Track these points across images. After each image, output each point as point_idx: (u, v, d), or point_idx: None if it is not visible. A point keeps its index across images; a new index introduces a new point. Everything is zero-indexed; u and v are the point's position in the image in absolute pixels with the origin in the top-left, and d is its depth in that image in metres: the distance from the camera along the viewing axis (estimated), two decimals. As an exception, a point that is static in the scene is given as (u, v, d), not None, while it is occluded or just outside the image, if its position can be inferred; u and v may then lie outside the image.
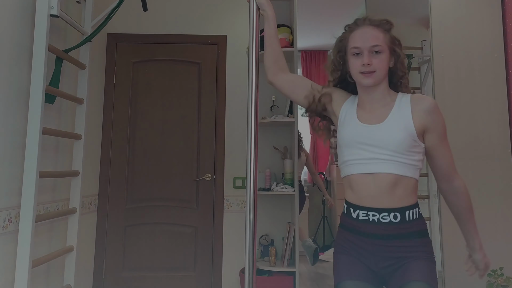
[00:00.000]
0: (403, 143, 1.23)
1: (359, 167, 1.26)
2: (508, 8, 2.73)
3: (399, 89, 1.34)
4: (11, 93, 1.86)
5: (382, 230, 1.24)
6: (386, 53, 1.28)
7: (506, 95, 2.70)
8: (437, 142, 1.29)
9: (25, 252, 1.80)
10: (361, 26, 1.30)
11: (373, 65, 1.25)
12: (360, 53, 1.27)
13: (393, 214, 1.23)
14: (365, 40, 1.26)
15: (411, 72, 2.86)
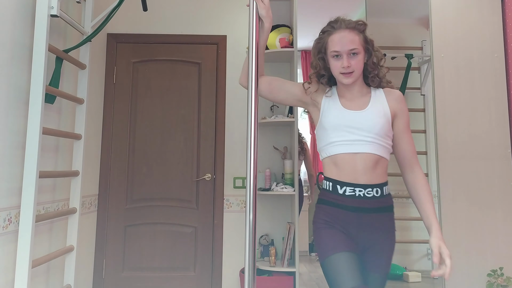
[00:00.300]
0: (383, 128, 1.41)
1: (346, 147, 1.41)
2: (508, 8, 2.73)
3: (374, 81, 1.50)
4: (11, 93, 1.86)
5: (367, 204, 1.40)
6: (362, 53, 1.44)
7: (506, 95, 2.70)
8: (404, 128, 1.47)
9: (25, 252, 1.80)
10: (338, 29, 1.45)
11: (352, 66, 1.41)
12: (340, 56, 1.42)
13: (376, 189, 1.41)
14: (344, 45, 1.41)
15: (411, 72, 2.86)
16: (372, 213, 1.40)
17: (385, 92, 1.49)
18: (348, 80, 1.42)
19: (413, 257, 2.78)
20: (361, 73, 1.47)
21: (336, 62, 1.43)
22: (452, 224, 2.58)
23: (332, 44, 1.44)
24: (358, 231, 1.41)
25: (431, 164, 2.75)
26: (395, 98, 1.48)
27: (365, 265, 1.41)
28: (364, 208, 1.40)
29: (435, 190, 2.67)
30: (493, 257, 2.55)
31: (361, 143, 1.40)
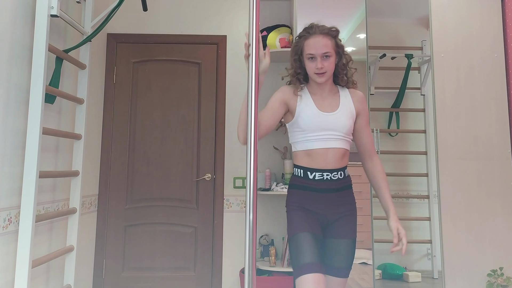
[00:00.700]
0: (350, 127, 1.67)
1: (320, 143, 1.64)
2: (508, 8, 2.74)
3: (343, 81, 1.71)
4: (11, 93, 1.86)
5: (332, 185, 1.66)
6: (334, 56, 1.65)
7: (506, 95, 2.70)
8: (365, 125, 1.73)
9: (25, 252, 1.80)
10: (312, 34, 1.64)
11: (325, 67, 1.61)
12: (314, 58, 1.62)
13: (340, 172, 1.67)
14: (318, 48, 1.61)
15: (411, 72, 2.86)
16: (337, 192, 1.66)
17: (350, 92, 1.72)
18: (321, 79, 1.63)
19: (413, 257, 2.78)
20: (332, 73, 1.68)
21: (311, 63, 1.63)
22: (452, 224, 2.58)
23: (308, 47, 1.64)
24: (326, 207, 1.65)
25: (431, 164, 2.75)
26: (358, 99, 1.71)
27: (335, 233, 1.66)
28: (330, 189, 1.65)
29: (435, 190, 2.67)
30: (493, 257, 2.55)
31: (333, 140, 1.64)
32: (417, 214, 2.80)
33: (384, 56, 2.83)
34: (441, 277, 2.57)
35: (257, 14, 1.32)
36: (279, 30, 2.97)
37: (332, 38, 1.64)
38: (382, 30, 2.92)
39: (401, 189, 2.84)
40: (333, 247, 1.65)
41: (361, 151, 1.76)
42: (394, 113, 2.88)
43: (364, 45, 2.79)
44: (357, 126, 1.72)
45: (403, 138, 2.87)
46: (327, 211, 1.65)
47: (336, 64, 1.67)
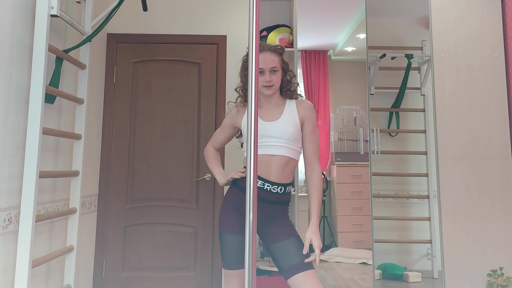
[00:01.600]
0: (293, 134, 1.76)
1: (263, 150, 1.74)
2: (508, 8, 2.74)
3: (287, 94, 1.85)
4: (11, 93, 1.86)
5: (270, 197, 1.75)
6: (280, 71, 1.80)
7: (506, 95, 2.70)
8: (309, 132, 1.80)
9: (25, 252, 1.80)
10: (262, 51, 1.79)
11: (272, 81, 1.77)
12: (263, 72, 1.76)
13: (280, 187, 1.76)
14: (267, 63, 1.76)
15: (411, 72, 2.87)
16: (272, 205, 1.75)
17: (297, 103, 1.84)
18: (269, 91, 1.78)
19: (413, 257, 2.78)
20: (278, 87, 1.82)
21: (260, 77, 1.77)
22: (452, 224, 2.58)
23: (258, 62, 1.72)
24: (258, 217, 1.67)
25: (431, 164, 2.75)
26: (304, 107, 1.82)
27: (269, 238, 1.77)
28: (266, 199, 1.74)
29: (435, 190, 2.67)
30: (493, 257, 2.55)
31: (275, 147, 1.74)
32: (417, 214, 2.80)
33: (384, 56, 2.84)
34: (441, 277, 2.57)
35: (257, 14, 1.32)
36: (279, 30, 2.97)
37: (278, 55, 1.81)
38: (382, 30, 2.93)
39: (401, 189, 2.85)
40: (279, 250, 1.74)
41: (303, 157, 1.85)
42: (394, 113, 2.88)
43: (364, 45, 2.79)
44: (303, 133, 1.82)
45: (403, 138, 2.87)
46: (258, 219, 1.70)
47: (281, 79, 1.82)
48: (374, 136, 2.80)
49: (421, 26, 2.89)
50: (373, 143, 2.77)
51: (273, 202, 1.76)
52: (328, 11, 2.99)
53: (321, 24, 3.01)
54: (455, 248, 2.55)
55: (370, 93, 2.80)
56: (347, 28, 2.94)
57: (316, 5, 2.93)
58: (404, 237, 2.81)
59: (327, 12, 2.99)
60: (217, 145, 2.03)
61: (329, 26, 3.00)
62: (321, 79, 3.06)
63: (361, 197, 2.77)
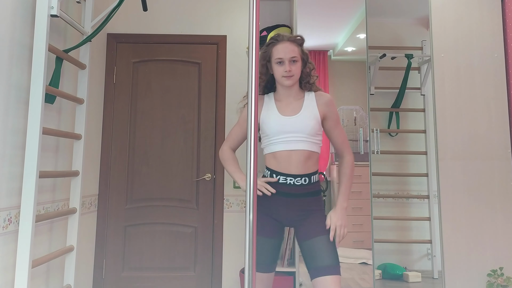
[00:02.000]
0: (313, 128, 1.72)
1: (284, 145, 1.72)
2: (508, 8, 2.73)
3: (306, 87, 1.81)
4: (11, 93, 1.86)
5: (297, 190, 1.72)
6: (300, 61, 1.76)
7: (506, 95, 2.70)
8: (332, 125, 1.79)
9: (25, 252, 1.80)
10: (281, 41, 1.76)
11: (292, 71, 1.72)
12: (282, 62, 1.73)
13: (304, 178, 1.72)
14: (286, 53, 1.72)
15: (411, 72, 2.86)
16: (301, 198, 1.72)
17: (316, 96, 1.79)
18: (288, 82, 1.73)
19: (413, 257, 2.78)
20: (298, 78, 1.77)
21: (279, 67, 1.74)
22: (452, 224, 2.58)
23: (277, 52, 1.75)
24: (287, 210, 1.73)
25: (431, 164, 2.75)
26: (324, 102, 1.78)
27: (305, 235, 1.71)
28: (292, 194, 1.72)
29: (435, 190, 2.67)
30: (493, 257, 2.55)
31: (295, 142, 1.71)
32: (417, 214, 2.80)
33: (384, 56, 2.83)
34: (441, 277, 2.57)
35: (257, 14, 1.32)
36: (279, 30, 2.97)
37: (298, 46, 1.78)
38: (382, 30, 2.93)
39: (401, 189, 2.85)
40: (310, 248, 1.68)
41: (335, 149, 1.86)
42: (394, 113, 2.88)
43: (364, 45, 2.79)
44: (326, 127, 1.80)
45: (403, 138, 2.87)
46: (288, 214, 1.74)
47: (301, 70, 1.78)
48: (374, 136, 2.80)
49: (421, 26, 2.89)
50: (373, 143, 2.77)
51: (301, 195, 1.72)
52: (328, 11, 2.98)
53: (321, 24, 3.01)
54: (455, 248, 2.55)
55: (370, 93, 2.80)
56: (347, 28, 2.94)
57: (316, 5, 2.92)
58: (404, 237, 2.81)
59: (327, 12, 2.99)
60: (234, 145, 1.90)
61: (329, 26, 3.00)
62: (321, 79, 3.06)
63: (361, 197, 2.77)
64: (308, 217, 1.72)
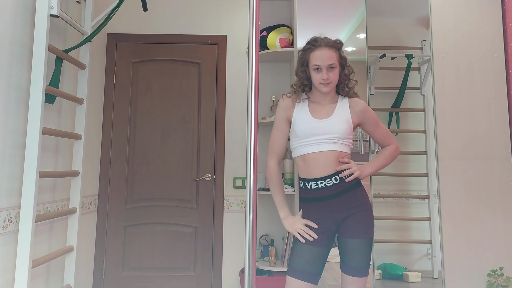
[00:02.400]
0: (345, 132, 1.73)
1: (312, 148, 1.72)
2: (508, 8, 2.74)
3: (344, 91, 1.80)
4: (11, 93, 1.86)
5: (329, 192, 1.71)
6: (338, 67, 1.74)
7: (506, 95, 2.70)
8: (372, 129, 1.83)
9: (25, 252, 1.80)
10: (318, 47, 1.72)
11: (330, 78, 1.71)
12: (320, 69, 1.71)
13: (334, 177, 1.71)
14: (324, 60, 1.70)
15: (411, 72, 2.86)
16: (336, 197, 1.71)
17: (350, 102, 1.79)
18: (326, 89, 1.72)
19: (413, 257, 2.78)
20: (336, 84, 1.76)
21: (317, 74, 1.72)
22: (452, 224, 2.58)
23: (314, 59, 1.72)
24: (330, 213, 1.71)
25: (431, 164, 2.75)
26: (360, 109, 1.79)
27: (345, 233, 1.71)
28: (327, 196, 1.71)
29: (435, 190, 2.67)
30: (493, 257, 2.55)
31: (324, 143, 1.71)
32: (417, 214, 2.80)
33: (384, 56, 2.83)
34: (441, 277, 2.57)
35: (257, 14, 1.32)
36: (279, 30, 2.97)
37: (336, 50, 1.74)
38: (382, 30, 2.92)
39: (401, 189, 2.84)
40: (346, 247, 1.71)
41: (379, 143, 1.89)
42: (394, 113, 2.88)
43: (364, 45, 2.79)
44: (367, 131, 1.84)
45: (403, 138, 2.86)
46: (332, 216, 1.72)
47: (339, 74, 1.76)
48: (374, 136, 2.80)
49: (421, 26, 2.89)
50: (373, 143, 2.77)
51: (337, 195, 1.71)
52: (328, 11, 2.99)
53: (321, 24, 3.01)
54: (455, 248, 2.55)
55: (370, 93, 2.80)
56: (347, 28, 2.94)
57: (316, 5, 2.93)
58: (404, 237, 2.81)
59: (327, 12, 2.99)
60: (280, 155, 1.83)
61: (329, 26, 2.99)
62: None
63: (361, 197, 2.76)
64: (351, 215, 1.71)
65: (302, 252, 1.69)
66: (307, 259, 1.68)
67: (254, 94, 1.23)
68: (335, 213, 1.71)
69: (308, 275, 1.67)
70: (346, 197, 1.71)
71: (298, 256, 1.70)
